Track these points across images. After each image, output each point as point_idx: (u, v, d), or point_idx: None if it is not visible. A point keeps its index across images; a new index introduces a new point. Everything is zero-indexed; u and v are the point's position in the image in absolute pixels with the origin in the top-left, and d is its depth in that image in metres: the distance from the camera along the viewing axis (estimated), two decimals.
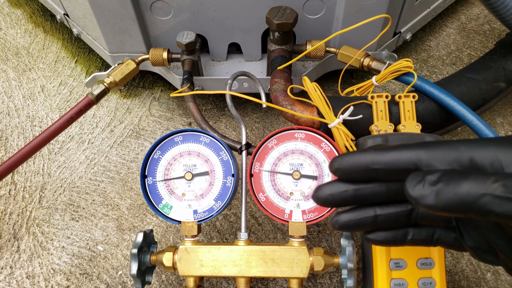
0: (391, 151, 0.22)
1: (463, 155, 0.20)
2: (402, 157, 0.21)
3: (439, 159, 0.21)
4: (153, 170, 0.45)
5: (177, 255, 0.42)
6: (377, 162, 0.22)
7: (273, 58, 0.56)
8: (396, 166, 0.22)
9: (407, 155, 0.21)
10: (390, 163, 0.22)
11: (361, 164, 0.22)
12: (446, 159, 0.20)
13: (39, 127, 0.68)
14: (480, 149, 0.20)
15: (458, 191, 0.19)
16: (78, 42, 0.81)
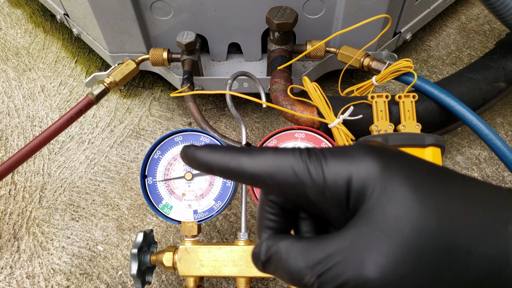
0: (228, 156, 0.22)
1: (316, 169, 0.20)
2: (238, 167, 0.21)
3: (273, 181, 0.21)
4: (153, 170, 0.45)
5: (177, 255, 0.42)
6: (217, 168, 0.22)
7: (273, 58, 0.56)
8: (233, 174, 0.22)
9: (243, 167, 0.21)
10: (226, 169, 0.22)
11: (206, 165, 0.22)
12: (299, 171, 0.20)
13: (39, 127, 0.68)
14: (333, 165, 0.20)
15: (288, 272, 0.20)
16: (78, 42, 0.81)
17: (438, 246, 0.19)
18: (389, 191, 0.19)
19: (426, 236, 0.19)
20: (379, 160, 0.20)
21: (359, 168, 0.20)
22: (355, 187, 0.20)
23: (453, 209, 0.19)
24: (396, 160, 0.20)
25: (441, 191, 0.20)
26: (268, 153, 0.21)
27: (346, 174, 0.20)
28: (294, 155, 0.21)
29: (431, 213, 0.19)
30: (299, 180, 0.20)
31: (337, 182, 0.20)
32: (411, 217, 0.19)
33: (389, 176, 0.19)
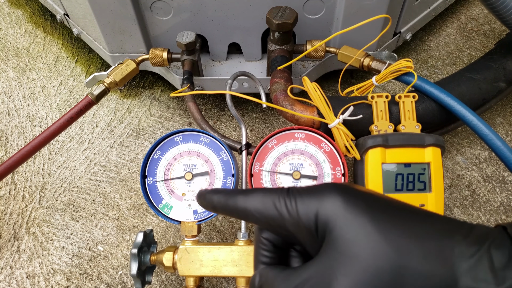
0: (226, 196, 0.27)
1: (291, 205, 0.25)
2: (233, 205, 0.27)
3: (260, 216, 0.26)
4: (153, 170, 0.45)
5: (177, 255, 0.42)
6: (219, 207, 0.28)
7: (273, 58, 0.56)
8: (230, 211, 0.27)
9: (237, 204, 0.27)
10: (225, 207, 0.27)
11: (210, 205, 0.28)
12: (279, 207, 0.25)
13: (39, 127, 0.68)
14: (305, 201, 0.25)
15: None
16: (78, 42, 0.81)
17: (393, 267, 0.22)
18: (349, 222, 0.23)
19: (382, 258, 0.22)
20: (341, 197, 0.24)
21: (324, 204, 0.24)
22: (321, 220, 0.23)
23: (406, 236, 0.22)
24: (356, 196, 0.24)
25: (396, 222, 0.23)
26: (258, 192, 0.26)
27: (314, 209, 0.24)
28: (277, 193, 0.25)
29: (386, 239, 0.22)
30: (279, 214, 0.25)
31: (308, 216, 0.24)
32: (368, 242, 0.22)
33: (350, 210, 0.23)
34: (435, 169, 0.42)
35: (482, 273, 0.21)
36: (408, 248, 0.22)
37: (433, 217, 0.24)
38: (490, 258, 0.22)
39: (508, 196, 0.57)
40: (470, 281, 0.21)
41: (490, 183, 0.59)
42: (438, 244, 0.22)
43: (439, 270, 0.22)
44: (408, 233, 0.23)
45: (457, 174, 0.60)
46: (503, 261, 0.22)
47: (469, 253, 0.22)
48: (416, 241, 0.22)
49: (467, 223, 0.24)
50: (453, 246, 0.22)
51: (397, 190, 0.42)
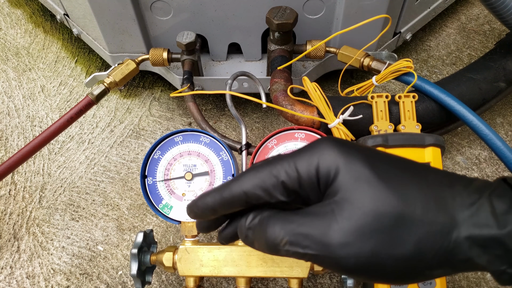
0: (220, 190, 0.26)
1: (290, 166, 0.24)
2: (230, 194, 0.25)
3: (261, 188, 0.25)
4: (153, 170, 0.45)
5: (177, 255, 0.42)
6: (216, 204, 0.26)
7: (273, 58, 0.56)
8: (231, 202, 0.25)
9: (234, 191, 0.25)
10: (226, 202, 0.25)
11: (208, 207, 0.26)
12: (277, 173, 0.24)
13: (39, 127, 0.68)
14: (302, 159, 0.24)
15: (265, 237, 0.24)
16: (78, 42, 0.81)
17: (394, 212, 0.22)
18: (350, 170, 0.23)
19: (383, 204, 0.22)
20: (339, 149, 0.24)
21: (324, 156, 0.24)
22: (322, 172, 0.23)
23: (408, 184, 0.23)
24: (354, 147, 0.24)
25: (396, 170, 0.24)
26: (249, 171, 0.25)
27: (314, 164, 0.24)
28: (271, 163, 0.25)
29: (388, 186, 0.22)
30: (280, 181, 0.24)
31: (309, 172, 0.24)
32: (370, 188, 0.22)
33: (349, 158, 0.23)
34: None
35: (484, 219, 0.22)
36: (410, 196, 0.22)
37: (433, 169, 0.24)
38: (491, 204, 0.22)
39: None
40: (472, 227, 0.22)
41: None
42: (439, 193, 0.23)
43: (440, 217, 0.22)
44: (409, 182, 0.23)
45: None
46: (504, 207, 0.22)
47: (470, 201, 0.22)
48: (418, 190, 0.23)
49: (466, 176, 0.24)
50: (454, 195, 0.22)
51: None
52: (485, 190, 0.23)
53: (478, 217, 0.22)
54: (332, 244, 0.22)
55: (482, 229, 0.21)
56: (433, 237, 0.22)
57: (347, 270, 0.23)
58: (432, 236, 0.22)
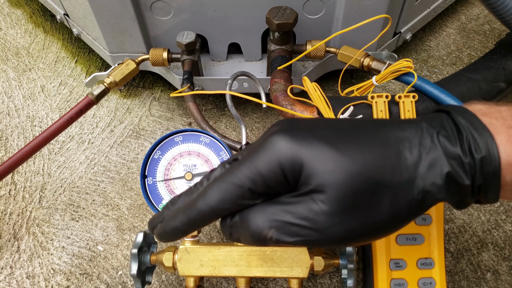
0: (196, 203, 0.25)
1: (252, 172, 0.24)
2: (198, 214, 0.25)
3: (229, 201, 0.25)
4: (153, 170, 0.45)
5: (177, 255, 0.42)
6: (185, 226, 0.26)
7: (273, 58, 0.56)
8: (202, 222, 0.26)
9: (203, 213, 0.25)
10: (195, 222, 0.26)
11: (177, 231, 0.26)
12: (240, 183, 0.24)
13: (39, 127, 0.68)
14: (262, 160, 0.24)
15: (249, 230, 0.24)
16: (78, 42, 0.81)
17: (366, 184, 0.23)
18: (314, 157, 0.23)
19: (355, 179, 0.23)
20: (294, 138, 0.24)
21: (283, 152, 0.23)
22: (287, 169, 0.23)
23: (368, 151, 0.24)
24: (306, 130, 0.24)
25: (354, 140, 0.24)
26: (212, 185, 0.25)
27: (276, 163, 0.23)
28: (232, 173, 0.24)
29: (352, 159, 0.23)
30: (247, 189, 0.24)
31: (274, 172, 0.23)
32: (338, 167, 0.23)
33: (308, 146, 0.23)
34: None
35: (439, 162, 0.24)
36: (374, 161, 0.23)
37: (382, 123, 0.26)
38: (441, 145, 0.24)
39: None
40: (432, 174, 0.24)
41: None
42: (396, 149, 0.24)
43: (405, 175, 0.23)
44: (369, 147, 0.24)
45: None
46: (450, 144, 0.24)
47: (424, 148, 0.24)
48: (379, 153, 0.24)
49: (414, 121, 0.25)
50: (410, 148, 0.24)
51: None
52: (433, 133, 0.24)
53: (435, 165, 0.23)
54: (319, 228, 0.23)
55: (440, 172, 0.24)
56: (405, 195, 0.23)
57: (336, 244, 0.24)
58: (403, 195, 0.23)
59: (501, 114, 0.24)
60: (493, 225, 0.55)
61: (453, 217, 0.56)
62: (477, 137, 0.23)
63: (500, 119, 0.24)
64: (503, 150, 0.23)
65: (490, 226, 0.55)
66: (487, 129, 0.24)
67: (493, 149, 0.23)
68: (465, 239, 0.54)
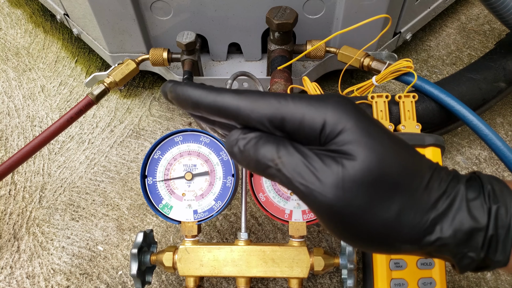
0: (214, 93, 0.25)
1: (276, 113, 0.23)
2: (224, 103, 0.24)
3: (256, 114, 0.24)
4: (153, 170, 0.45)
5: (177, 255, 0.42)
6: (202, 101, 0.25)
7: (273, 58, 0.56)
8: (218, 110, 0.25)
9: (228, 103, 0.24)
10: (213, 105, 0.25)
11: (190, 99, 0.25)
12: (261, 115, 0.24)
13: (39, 127, 0.68)
14: (291, 108, 0.23)
15: (256, 157, 0.24)
16: (78, 42, 0.81)
17: (394, 177, 0.23)
18: (359, 128, 0.23)
19: (387, 166, 0.23)
20: (349, 107, 0.23)
21: (333, 114, 0.23)
22: (328, 128, 0.23)
23: (408, 155, 0.24)
24: (361, 110, 0.24)
25: (395, 142, 0.24)
26: (254, 93, 0.24)
27: (321, 120, 0.23)
28: (278, 103, 0.24)
29: (395, 150, 0.23)
30: (279, 120, 0.23)
31: (313, 126, 0.23)
32: (378, 146, 0.23)
33: (359, 117, 0.23)
34: None
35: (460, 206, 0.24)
36: (410, 166, 0.23)
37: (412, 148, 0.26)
38: (465, 195, 0.24)
39: None
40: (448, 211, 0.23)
41: None
42: (427, 172, 0.24)
43: (425, 196, 0.23)
44: (409, 153, 0.24)
45: None
46: (474, 195, 0.24)
47: (450, 189, 0.24)
48: (415, 163, 0.24)
49: (437, 165, 0.26)
50: (439, 180, 0.24)
51: None
52: (462, 179, 0.24)
53: (453, 204, 0.23)
54: (325, 185, 0.22)
55: (457, 215, 0.23)
56: (415, 212, 0.23)
57: (327, 216, 0.23)
58: (414, 210, 0.23)
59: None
60: None
61: None
62: (497, 190, 0.24)
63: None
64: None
65: None
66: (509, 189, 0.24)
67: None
68: None
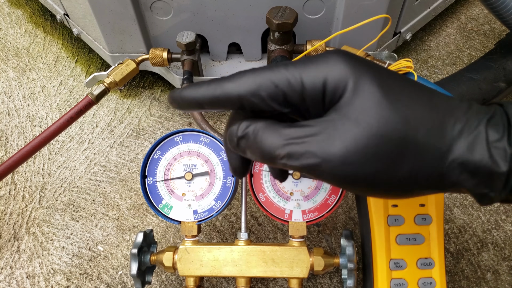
0: (213, 86, 0.24)
1: (294, 76, 0.23)
2: (225, 95, 0.24)
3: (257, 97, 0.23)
4: (153, 170, 0.45)
5: (177, 255, 0.42)
6: (203, 99, 0.24)
7: (273, 58, 0.56)
8: (222, 104, 0.24)
9: (229, 92, 0.24)
10: (215, 100, 0.24)
11: (195, 101, 0.25)
12: (278, 82, 0.23)
13: (39, 127, 0.68)
14: (310, 70, 0.23)
15: (261, 147, 0.23)
16: (78, 42, 0.81)
17: (398, 136, 0.22)
18: (359, 89, 0.22)
19: (389, 126, 0.22)
20: (350, 64, 0.23)
21: (333, 70, 0.22)
22: (330, 87, 0.22)
23: (414, 106, 0.22)
24: (364, 64, 0.23)
25: (404, 91, 0.23)
26: (247, 74, 0.23)
27: (322, 77, 0.22)
28: (273, 70, 0.23)
29: (395, 108, 0.22)
30: (281, 92, 0.23)
31: (314, 85, 0.22)
32: (377, 109, 0.22)
33: (359, 76, 0.22)
34: None
35: (478, 148, 0.22)
36: (414, 119, 0.22)
37: (437, 93, 0.24)
38: (486, 133, 0.22)
39: None
40: (466, 155, 0.22)
41: None
42: (440, 118, 0.23)
43: (439, 143, 0.22)
44: (415, 104, 0.23)
45: None
46: (497, 136, 0.22)
47: (468, 129, 0.23)
48: (422, 113, 0.22)
49: (466, 101, 0.24)
50: (454, 122, 0.23)
51: None
52: (483, 118, 0.23)
53: (473, 146, 0.22)
54: (332, 161, 0.22)
55: (475, 157, 0.22)
56: (430, 162, 0.22)
57: (343, 185, 0.23)
58: (429, 161, 0.22)
59: None
60: (493, 225, 0.55)
61: (453, 217, 0.56)
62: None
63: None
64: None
65: (490, 226, 0.55)
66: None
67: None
68: (465, 239, 0.54)
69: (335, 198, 0.43)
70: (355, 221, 0.56)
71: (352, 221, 0.56)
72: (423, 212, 0.40)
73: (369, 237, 0.41)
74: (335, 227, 0.55)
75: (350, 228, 0.55)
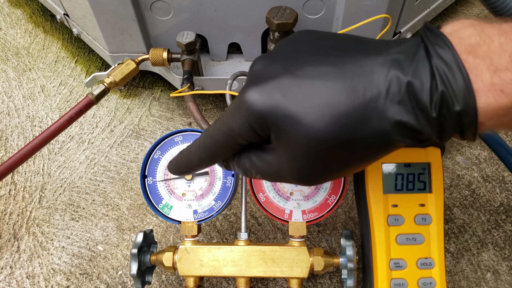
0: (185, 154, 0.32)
1: (225, 139, 0.28)
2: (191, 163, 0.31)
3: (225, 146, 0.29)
4: (153, 170, 0.45)
5: (177, 255, 0.42)
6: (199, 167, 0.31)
7: None
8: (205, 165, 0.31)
9: (192, 162, 0.31)
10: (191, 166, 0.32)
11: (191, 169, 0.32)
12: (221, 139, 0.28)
13: (39, 127, 0.68)
14: (235, 120, 0.27)
15: (242, 169, 0.30)
16: (78, 42, 0.81)
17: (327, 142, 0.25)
18: (277, 119, 0.25)
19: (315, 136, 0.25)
20: (260, 102, 0.25)
21: (251, 114, 0.25)
22: (257, 127, 0.26)
23: (328, 90, 0.24)
24: (272, 87, 0.25)
25: (313, 72, 0.25)
26: (204, 141, 0.29)
27: (246, 122, 0.26)
28: (214, 132, 0.28)
29: (310, 117, 0.24)
30: (227, 142, 0.28)
31: (243, 129, 0.26)
32: (299, 128, 0.25)
33: (272, 106, 0.25)
34: (435, 169, 0.42)
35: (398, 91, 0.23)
36: (336, 110, 0.24)
37: (353, 42, 0.26)
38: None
39: (508, 196, 0.57)
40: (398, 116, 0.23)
41: (490, 183, 0.59)
42: (359, 84, 0.24)
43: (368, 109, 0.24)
44: (332, 83, 0.24)
45: (457, 174, 0.60)
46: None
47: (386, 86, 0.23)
48: (339, 93, 0.24)
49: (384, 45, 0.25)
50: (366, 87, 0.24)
51: (397, 190, 0.42)
52: (404, 78, 0.23)
53: (398, 110, 0.23)
54: (286, 177, 0.28)
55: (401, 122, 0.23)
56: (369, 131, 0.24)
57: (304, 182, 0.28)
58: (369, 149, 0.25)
59: (490, 48, 0.21)
60: (493, 225, 0.55)
61: (453, 217, 0.56)
62: (455, 87, 0.21)
63: (487, 59, 0.21)
64: (484, 100, 0.21)
65: (490, 226, 0.55)
66: (468, 79, 0.21)
67: (471, 101, 0.21)
68: (465, 239, 0.54)
69: (335, 198, 0.43)
70: (355, 221, 0.56)
71: (352, 221, 0.56)
72: (423, 212, 0.40)
73: (369, 237, 0.41)
74: (335, 227, 0.55)
75: (350, 228, 0.55)
